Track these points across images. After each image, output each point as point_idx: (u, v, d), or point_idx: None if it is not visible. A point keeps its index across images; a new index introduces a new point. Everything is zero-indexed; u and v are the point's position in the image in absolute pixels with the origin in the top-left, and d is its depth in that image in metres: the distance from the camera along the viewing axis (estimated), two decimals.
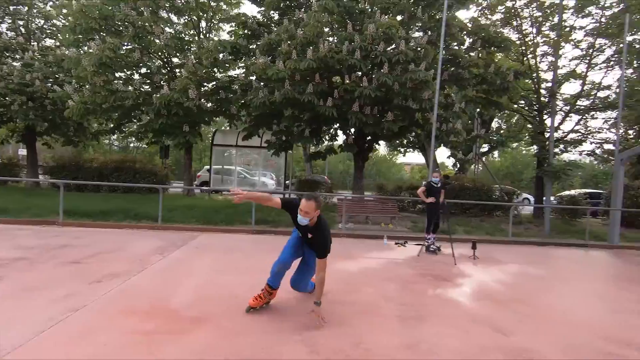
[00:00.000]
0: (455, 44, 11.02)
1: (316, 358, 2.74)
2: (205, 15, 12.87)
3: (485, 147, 17.99)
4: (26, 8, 12.78)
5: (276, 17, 11.73)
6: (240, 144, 13.84)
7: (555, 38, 12.02)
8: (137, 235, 7.48)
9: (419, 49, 9.30)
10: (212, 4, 12.78)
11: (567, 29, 12.20)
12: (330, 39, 10.33)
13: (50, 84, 12.02)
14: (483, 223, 11.85)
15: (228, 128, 18.15)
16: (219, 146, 15.24)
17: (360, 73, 9.94)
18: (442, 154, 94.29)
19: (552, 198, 13.32)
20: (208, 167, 19.53)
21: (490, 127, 18.99)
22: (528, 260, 7.25)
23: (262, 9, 12.29)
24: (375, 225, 10.72)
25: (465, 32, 10.93)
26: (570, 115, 13.14)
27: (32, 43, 13.06)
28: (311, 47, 9.18)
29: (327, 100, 9.43)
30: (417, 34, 10.59)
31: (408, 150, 27.18)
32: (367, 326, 3.37)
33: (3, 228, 7.39)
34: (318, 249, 3.31)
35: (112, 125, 13.05)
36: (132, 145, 39.15)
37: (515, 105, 14.20)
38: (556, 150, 12.51)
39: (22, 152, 26.92)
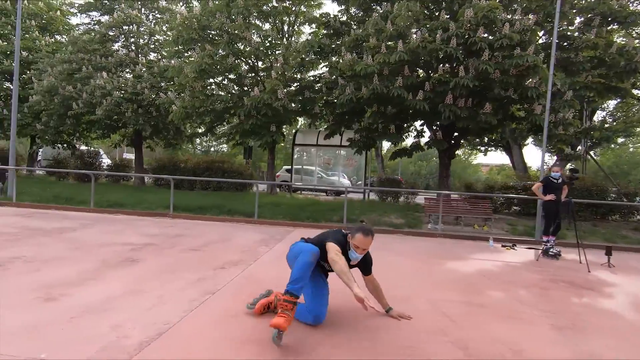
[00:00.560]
0: (563, 24, 9.75)
1: None
2: (288, 18, 13.28)
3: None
4: (136, 27, 14.48)
5: (360, 13, 11.55)
6: (321, 143, 13.97)
7: None
8: (238, 228, 7.87)
9: (523, 30, 8.37)
10: (294, 8, 13.11)
11: None
12: (416, 29, 9.85)
13: (154, 93, 13.42)
14: (597, 228, 10.28)
15: (302, 128, 18.52)
16: (300, 146, 15.58)
17: (447, 65, 9.32)
18: (530, 153, 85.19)
19: None
20: (286, 167, 20.19)
21: (592, 119, 16.55)
22: None
23: (343, 7, 12.24)
24: (467, 226, 9.92)
25: (575, 9, 9.60)
26: None
27: (139, 57, 14.75)
28: (401, 40, 8.84)
29: (418, 94, 8.99)
30: (516, 17, 9.56)
31: (489, 149, 25.07)
32: (518, 333, 2.95)
33: (125, 218, 8.33)
34: (367, 267, 3.11)
35: (204, 129, 14.12)
36: (212, 149, 42.52)
37: (636, 91, 12.11)
38: None
39: (126, 155, 30.85)
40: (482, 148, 24.90)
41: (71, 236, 5.76)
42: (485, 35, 8.49)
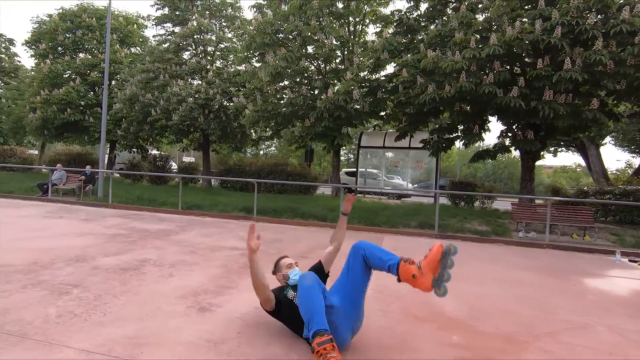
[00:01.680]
0: None
1: None
2: (355, 19, 13.01)
3: None
4: (205, 35, 15.01)
5: (439, 7, 10.94)
6: (388, 145, 13.51)
7: None
8: (327, 233, 7.63)
9: None
10: (361, 7, 12.81)
11: None
12: (508, 19, 9.10)
13: (225, 98, 13.77)
14: None
15: (367, 130, 18.11)
16: (365, 148, 15.21)
17: (547, 57, 8.47)
18: (609, 155, 78.07)
19: None
20: (345, 170, 19.93)
21: None
22: None
23: (412, 4, 11.71)
24: (564, 236, 8.95)
25: None
26: None
27: (208, 64, 15.26)
28: (493, 32, 8.18)
29: (512, 90, 8.25)
30: None
31: (559, 149, 23.05)
32: None
33: (213, 221, 8.45)
34: (323, 266, 3.18)
35: (270, 132, 14.21)
36: (261, 152, 43.45)
37: None
38: None
39: (185, 159, 32.40)
40: (552, 149, 23.02)
41: (179, 239, 5.85)
42: (596, 22, 7.58)
